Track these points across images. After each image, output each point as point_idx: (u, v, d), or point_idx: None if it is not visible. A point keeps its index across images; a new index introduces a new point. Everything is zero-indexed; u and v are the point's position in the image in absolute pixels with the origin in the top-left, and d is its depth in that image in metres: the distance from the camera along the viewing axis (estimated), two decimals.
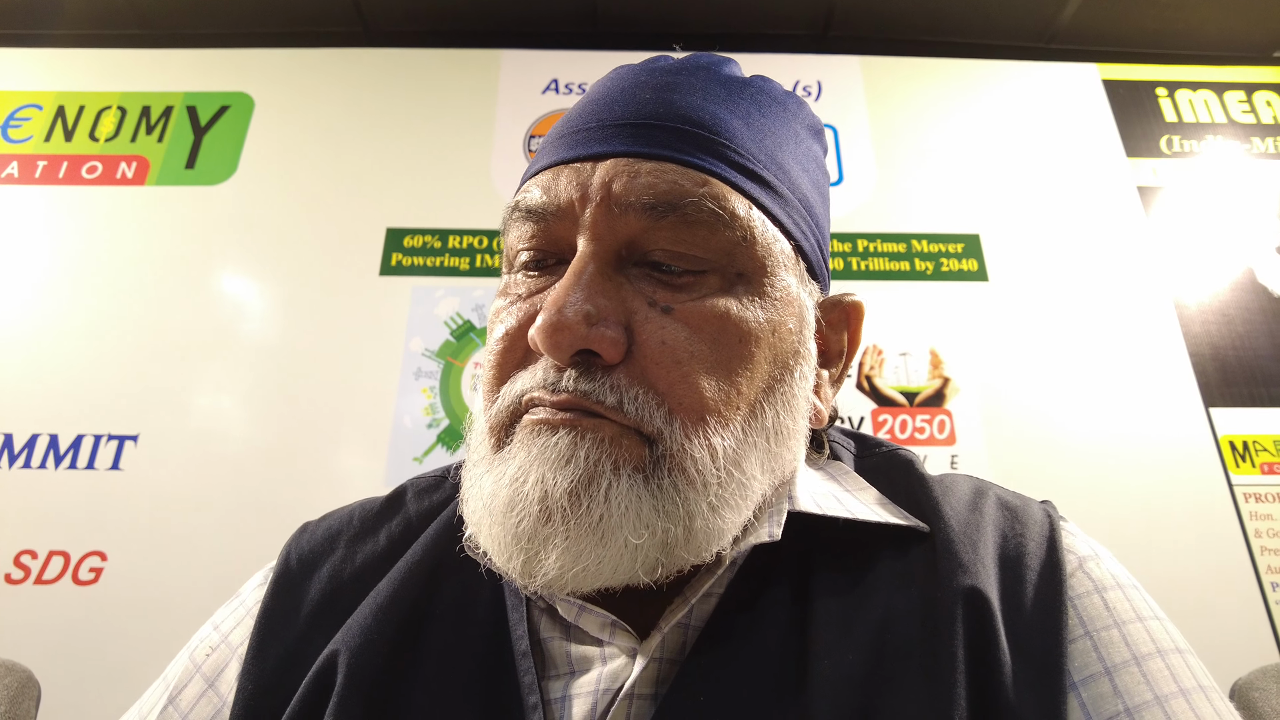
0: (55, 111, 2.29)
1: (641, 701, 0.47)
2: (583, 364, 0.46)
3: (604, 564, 0.44)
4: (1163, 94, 2.44)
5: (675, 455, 0.45)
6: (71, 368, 1.93)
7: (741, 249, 0.49)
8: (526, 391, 0.47)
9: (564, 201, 0.49)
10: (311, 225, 2.15)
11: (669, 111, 0.51)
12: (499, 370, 0.50)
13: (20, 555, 1.73)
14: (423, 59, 2.42)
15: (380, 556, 0.58)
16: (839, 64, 2.46)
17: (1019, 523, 0.54)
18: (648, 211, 0.47)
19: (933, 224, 2.20)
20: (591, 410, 0.45)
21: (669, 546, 0.45)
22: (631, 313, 0.47)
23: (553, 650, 0.51)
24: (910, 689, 0.44)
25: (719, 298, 0.48)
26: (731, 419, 0.48)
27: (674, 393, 0.46)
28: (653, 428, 0.45)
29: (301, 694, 0.50)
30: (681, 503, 0.45)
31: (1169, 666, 0.47)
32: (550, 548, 0.44)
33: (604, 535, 0.44)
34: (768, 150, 0.53)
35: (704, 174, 0.49)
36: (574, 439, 0.45)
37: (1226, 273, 2.16)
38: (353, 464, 1.87)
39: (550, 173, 0.51)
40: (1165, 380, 2.00)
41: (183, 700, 0.55)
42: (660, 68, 0.55)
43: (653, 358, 0.46)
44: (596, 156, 0.50)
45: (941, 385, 1.98)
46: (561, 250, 0.51)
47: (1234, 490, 1.87)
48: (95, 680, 1.60)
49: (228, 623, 0.59)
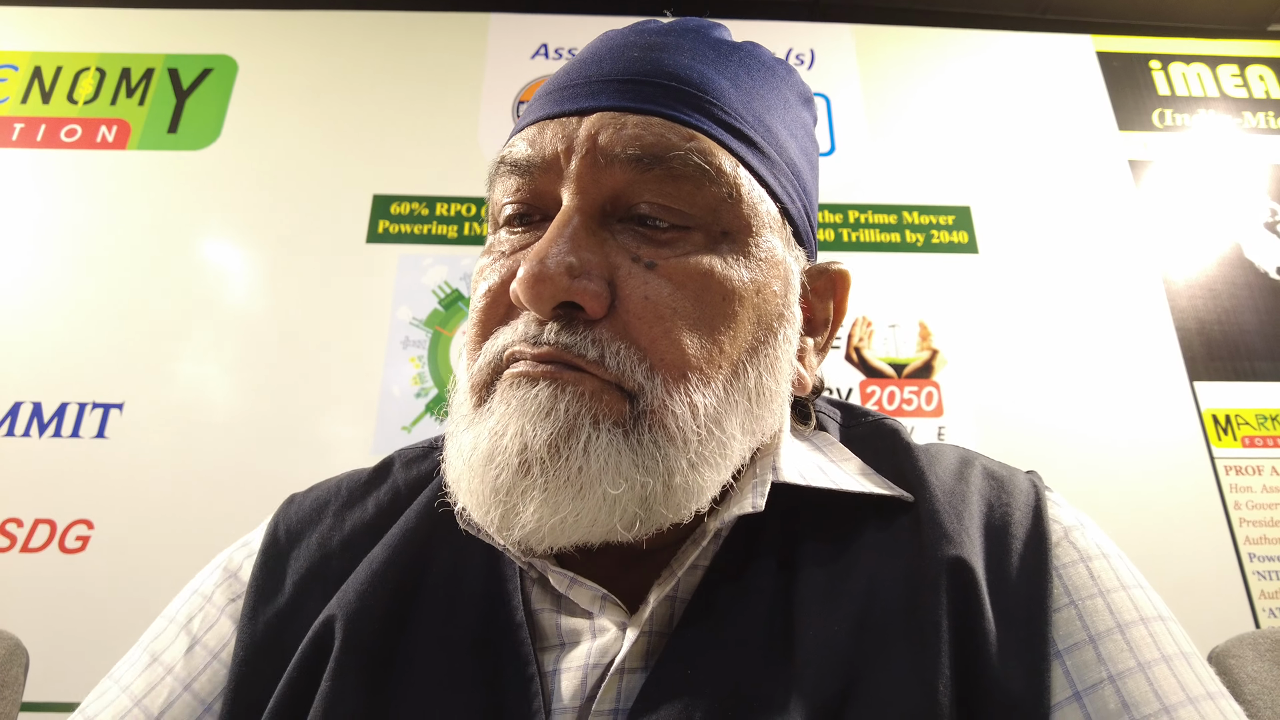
0: (32, 72, 2.24)
1: (632, 675, 0.47)
2: (565, 317, 0.46)
3: (582, 516, 0.44)
4: (1156, 67, 2.43)
5: (656, 411, 0.45)
6: (55, 336, 1.91)
7: (727, 206, 0.49)
8: (508, 346, 0.47)
9: (549, 154, 0.49)
10: (297, 192, 2.12)
11: (656, 69, 0.50)
12: (482, 327, 0.50)
13: (6, 523, 1.72)
14: (409, 21, 2.38)
15: (369, 524, 0.58)
16: (832, 32, 2.44)
17: (1004, 492, 0.54)
18: (633, 164, 0.47)
19: (924, 196, 2.20)
20: (572, 364, 0.45)
21: (647, 501, 0.45)
22: (615, 268, 0.47)
23: (544, 622, 0.51)
24: (895, 658, 0.45)
25: (703, 254, 0.48)
26: (713, 377, 0.47)
27: (656, 348, 0.46)
28: (634, 383, 0.45)
29: (298, 659, 0.50)
30: (661, 458, 0.45)
31: (1151, 634, 0.47)
32: (528, 500, 0.44)
33: (582, 487, 0.44)
34: (755, 112, 0.53)
35: (691, 129, 0.48)
36: (554, 391, 0.44)
37: (1214, 248, 2.17)
38: (340, 433, 1.86)
39: (536, 127, 0.51)
40: (1151, 353, 2.02)
41: (195, 658, 0.55)
42: (649, 29, 0.55)
43: (635, 313, 0.46)
44: (582, 111, 0.49)
45: (930, 357, 1.98)
46: (547, 205, 0.50)
47: (1215, 462, 1.90)
48: (83, 648, 1.60)
49: (205, 596, 0.59)
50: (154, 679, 0.54)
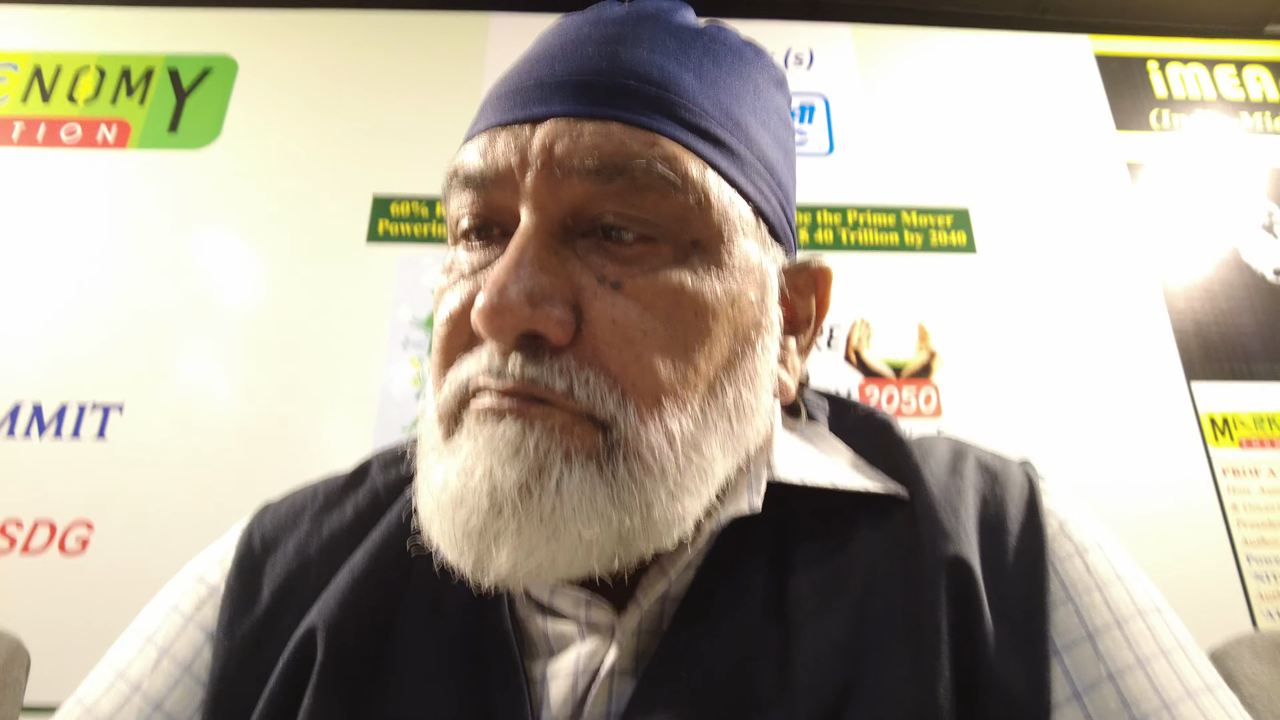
0: (32, 72, 2.23)
1: (623, 678, 0.47)
2: (529, 347, 0.43)
3: (557, 558, 0.42)
4: (1154, 67, 2.44)
5: (630, 441, 0.43)
6: (54, 336, 1.91)
7: (695, 215, 0.46)
8: (472, 377, 0.44)
9: (502, 167, 0.45)
10: (297, 192, 2.12)
11: (613, 67, 0.47)
12: (444, 355, 0.47)
13: (6, 525, 1.72)
14: (409, 21, 2.38)
15: (348, 529, 0.56)
16: (830, 32, 2.43)
17: (999, 486, 0.53)
18: (592, 176, 0.44)
19: (922, 197, 2.20)
20: (540, 397, 0.42)
21: (625, 538, 0.43)
22: (580, 289, 0.44)
23: (530, 629, 0.50)
24: (893, 658, 0.44)
25: (672, 270, 0.45)
26: (689, 400, 0.45)
27: (627, 374, 0.43)
28: (605, 413, 0.43)
29: (280, 672, 0.48)
30: (639, 491, 0.43)
31: (1149, 627, 0.47)
32: (501, 543, 0.42)
33: (555, 529, 0.41)
34: (723, 106, 0.49)
35: (653, 134, 0.45)
36: (522, 428, 0.42)
37: (1212, 249, 2.18)
38: (340, 433, 1.86)
39: (487, 135, 0.47)
40: (1148, 354, 2.02)
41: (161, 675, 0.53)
42: (606, 18, 0.51)
43: (603, 338, 0.43)
44: (535, 118, 0.46)
45: (929, 358, 1.99)
46: (504, 219, 0.47)
47: (1213, 464, 1.90)
48: (84, 649, 1.60)
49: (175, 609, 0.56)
50: (120, 698, 0.52)
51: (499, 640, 0.49)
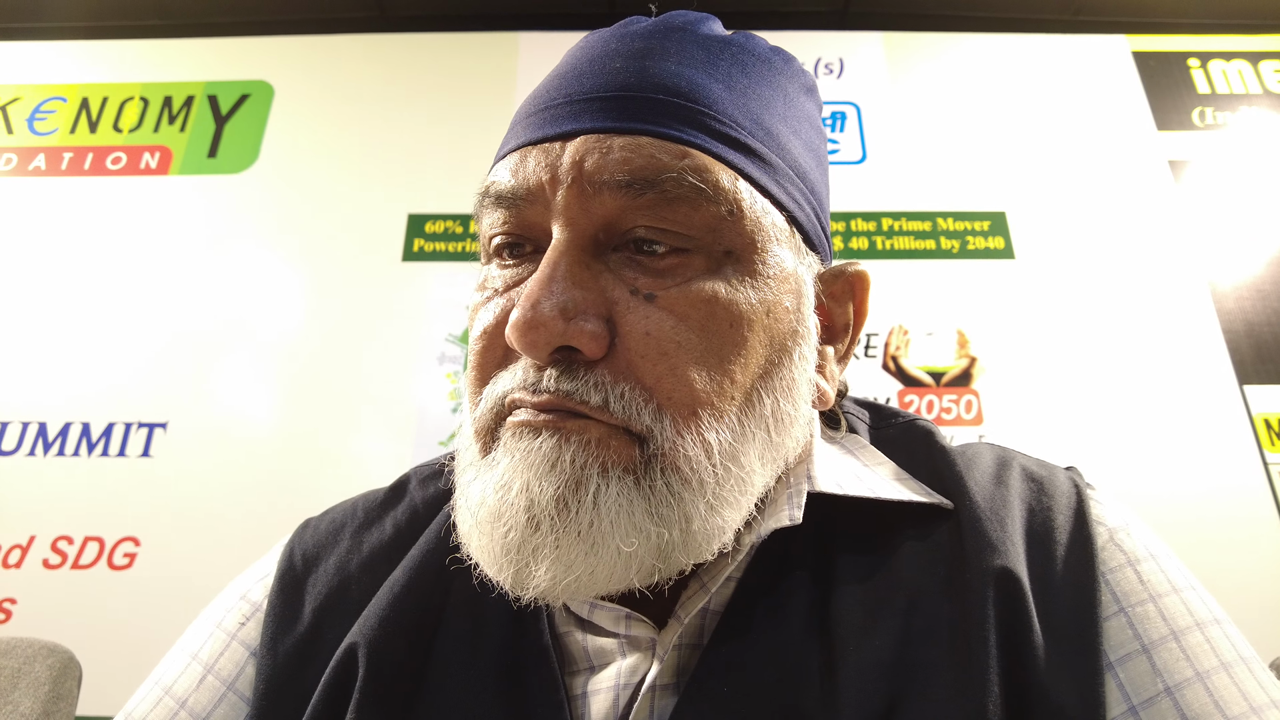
0: (79, 104, 2.31)
1: (664, 692, 0.46)
2: (564, 361, 0.43)
3: (596, 573, 0.42)
4: (1195, 65, 2.38)
5: (667, 454, 0.43)
6: (100, 357, 1.96)
7: (728, 225, 0.45)
8: (508, 392, 0.45)
9: (534, 185, 0.46)
10: (333, 212, 2.16)
11: (642, 80, 0.47)
12: (479, 371, 0.47)
13: (57, 541, 1.76)
14: (441, 43, 2.42)
15: (388, 545, 0.56)
16: (861, 40, 2.42)
17: (1046, 495, 0.52)
18: (624, 190, 0.44)
19: (958, 202, 2.17)
20: (575, 410, 0.42)
21: (664, 552, 0.43)
22: (613, 303, 0.44)
23: (570, 645, 0.50)
24: (941, 674, 0.43)
25: (706, 280, 0.45)
26: (726, 411, 0.45)
27: (662, 387, 0.43)
28: (642, 425, 0.42)
29: (321, 690, 0.48)
30: (677, 504, 0.43)
31: (1208, 639, 0.45)
32: (540, 558, 0.42)
33: (594, 543, 0.41)
34: (753, 115, 0.49)
35: (683, 146, 0.45)
36: (558, 442, 0.42)
37: (1261, 247, 2.11)
38: (378, 449, 1.88)
39: (518, 154, 0.47)
40: (1198, 358, 1.96)
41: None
42: (633, 32, 0.51)
43: (637, 350, 0.43)
44: (565, 135, 0.46)
45: (968, 365, 1.95)
46: (537, 236, 0.47)
47: (1269, 469, 1.83)
48: (132, 661, 1.63)
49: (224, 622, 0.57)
50: (167, 713, 0.52)
51: (539, 656, 0.49)
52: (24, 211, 2.15)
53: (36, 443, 1.86)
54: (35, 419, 1.89)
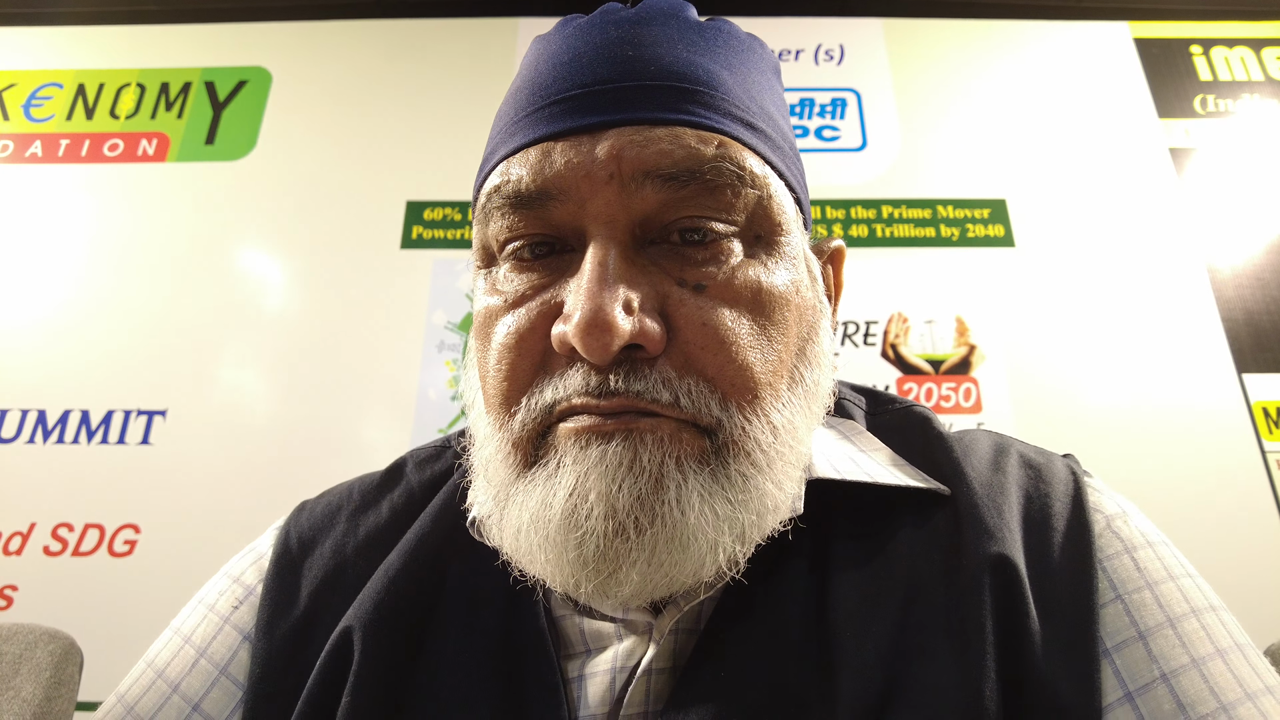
0: (76, 90, 2.30)
1: (660, 676, 0.46)
2: (626, 361, 0.42)
3: (685, 568, 0.42)
4: (1197, 52, 2.37)
5: (738, 440, 0.43)
6: (99, 345, 1.96)
7: (759, 209, 0.46)
8: (561, 399, 0.43)
9: (566, 182, 0.44)
10: (331, 199, 2.15)
11: (660, 69, 0.46)
12: (513, 380, 0.45)
13: (58, 528, 1.77)
14: (439, 29, 2.40)
15: (384, 528, 0.56)
16: (861, 26, 2.41)
17: (1043, 482, 0.52)
18: (668, 183, 0.43)
19: (958, 189, 2.16)
20: (646, 410, 0.42)
21: (745, 534, 0.43)
22: (664, 296, 0.43)
23: (567, 628, 0.50)
24: (938, 660, 0.43)
25: (747, 266, 0.45)
26: (781, 390, 0.46)
27: (724, 376, 0.43)
28: (710, 417, 0.42)
29: (317, 673, 0.48)
30: (753, 489, 0.43)
31: (1204, 626, 0.45)
32: (630, 564, 0.41)
33: (686, 541, 0.41)
34: (755, 99, 0.49)
35: (717, 134, 0.45)
36: (632, 444, 0.41)
37: (1261, 235, 2.11)
38: (378, 436, 1.89)
39: (539, 149, 0.45)
40: (1197, 346, 1.96)
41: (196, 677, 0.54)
42: (625, 18, 0.49)
43: (696, 342, 0.43)
44: (593, 128, 0.44)
45: (967, 353, 1.95)
46: (564, 237, 0.45)
47: (1267, 457, 1.84)
48: (132, 647, 1.63)
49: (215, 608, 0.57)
50: (159, 697, 0.52)
51: (535, 639, 0.49)
52: (20, 199, 2.14)
53: (36, 430, 1.86)
54: (35, 406, 1.89)
